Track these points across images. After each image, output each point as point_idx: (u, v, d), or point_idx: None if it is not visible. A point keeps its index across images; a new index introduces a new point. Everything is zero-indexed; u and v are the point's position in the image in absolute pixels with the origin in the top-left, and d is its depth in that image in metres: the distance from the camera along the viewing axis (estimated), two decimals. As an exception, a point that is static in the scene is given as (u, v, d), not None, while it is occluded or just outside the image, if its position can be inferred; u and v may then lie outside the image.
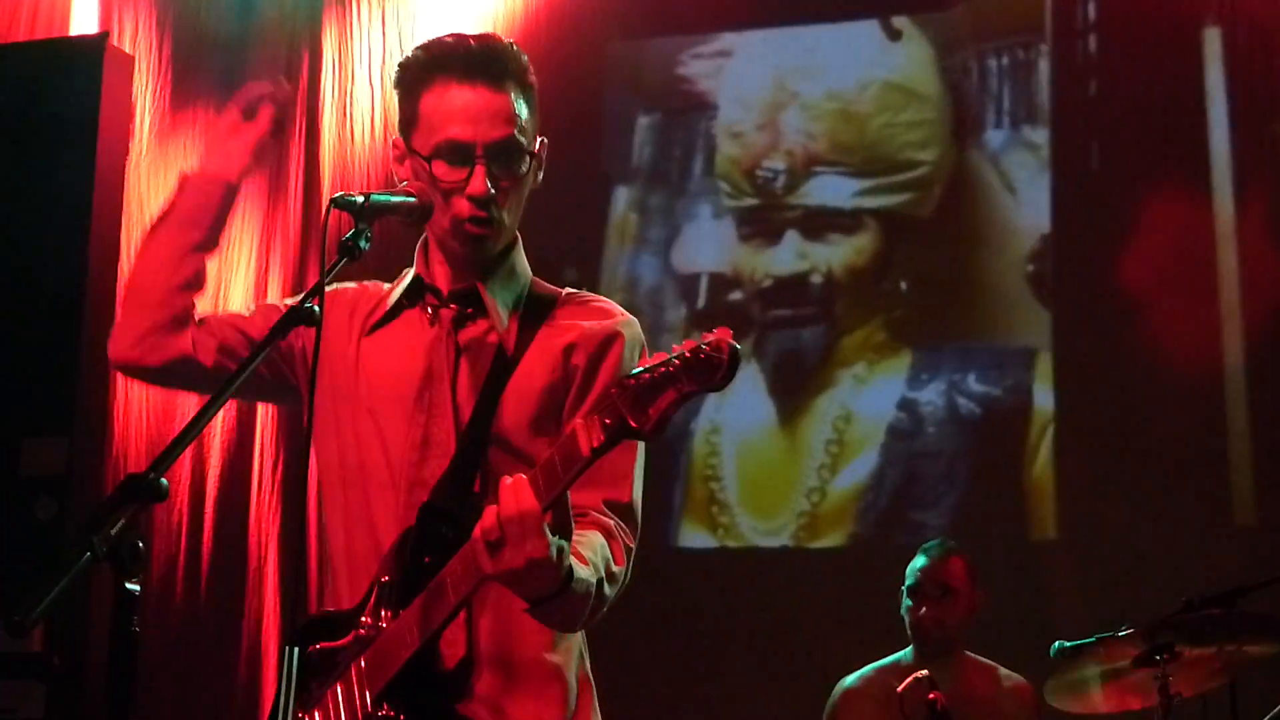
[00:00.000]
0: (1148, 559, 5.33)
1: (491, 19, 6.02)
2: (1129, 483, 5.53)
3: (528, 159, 2.55)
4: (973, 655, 4.79)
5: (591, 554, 2.33)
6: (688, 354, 2.04)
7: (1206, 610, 4.00)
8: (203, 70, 6.07)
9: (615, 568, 2.39)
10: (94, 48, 4.77)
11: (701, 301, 6.45)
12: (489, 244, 2.55)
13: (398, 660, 2.35)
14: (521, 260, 2.65)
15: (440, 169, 2.51)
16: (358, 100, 6.17)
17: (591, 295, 2.67)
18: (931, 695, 4.18)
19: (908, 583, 4.77)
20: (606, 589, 2.35)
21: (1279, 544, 5.21)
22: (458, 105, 2.51)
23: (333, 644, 2.46)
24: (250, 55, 6.23)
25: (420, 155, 2.53)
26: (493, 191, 2.50)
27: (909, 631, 4.77)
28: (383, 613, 2.40)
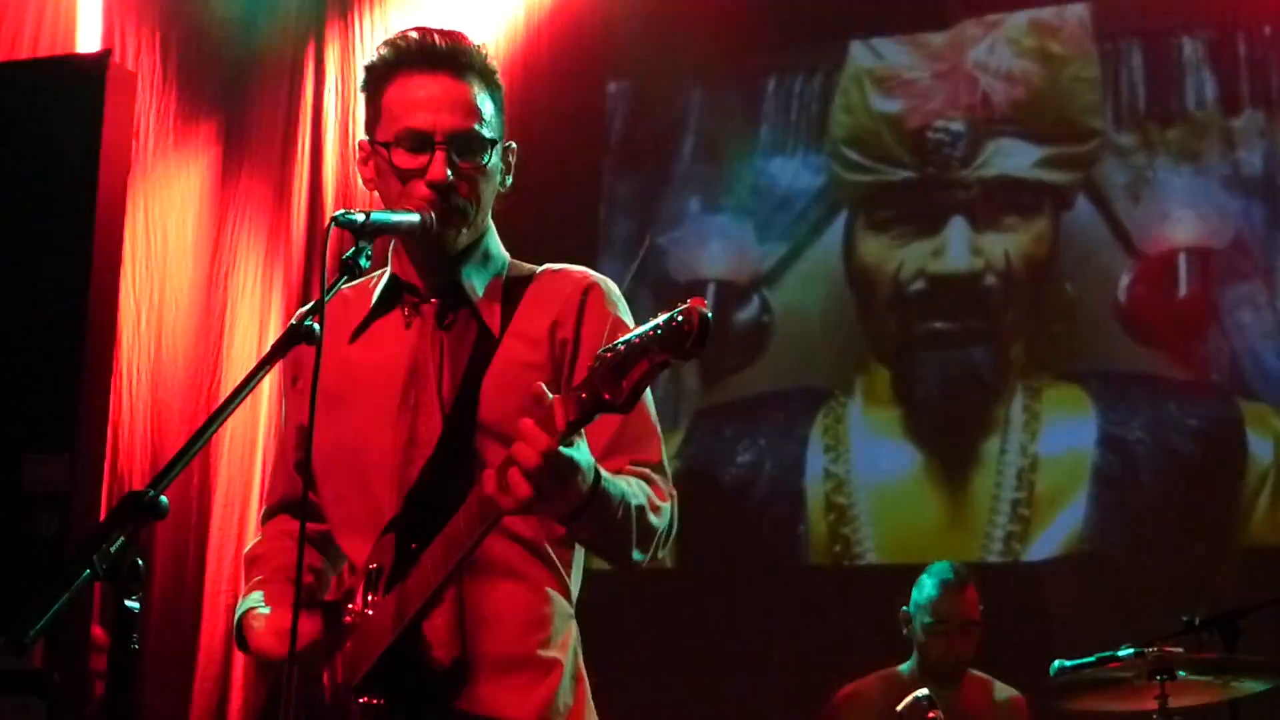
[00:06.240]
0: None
1: (493, 37, 6.03)
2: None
3: (490, 151, 2.50)
4: (970, 670, 4.78)
5: (626, 481, 2.34)
6: (660, 323, 2.02)
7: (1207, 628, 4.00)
8: (206, 88, 6.09)
9: (660, 502, 2.41)
10: (96, 66, 4.76)
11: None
12: (450, 238, 2.49)
13: (377, 649, 2.35)
14: (495, 244, 2.61)
15: (399, 156, 2.49)
16: (360, 119, 6.17)
17: (569, 266, 2.62)
18: (930, 715, 4.18)
19: (925, 620, 4.67)
20: (652, 518, 2.37)
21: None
22: (419, 95, 2.49)
23: (324, 632, 2.47)
24: (253, 73, 6.25)
25: (380, 144, 2.51)
26: (452, 179, 2.46)
27: (924, 663, 4.71)
28: (370, 598, 2.41)
